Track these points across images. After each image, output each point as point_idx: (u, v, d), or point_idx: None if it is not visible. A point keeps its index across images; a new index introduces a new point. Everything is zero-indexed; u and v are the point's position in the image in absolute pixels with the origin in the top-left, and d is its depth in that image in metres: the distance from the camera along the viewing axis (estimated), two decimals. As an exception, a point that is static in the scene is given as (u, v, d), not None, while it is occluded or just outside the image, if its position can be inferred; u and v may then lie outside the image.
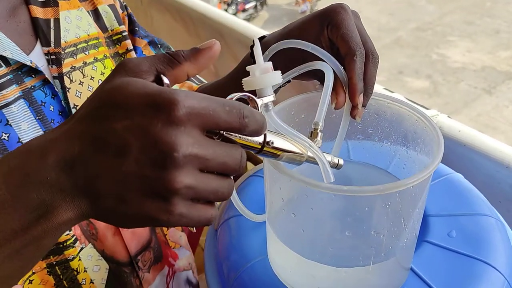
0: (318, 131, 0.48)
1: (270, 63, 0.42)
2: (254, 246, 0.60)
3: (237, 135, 0.37)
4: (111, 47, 0.76)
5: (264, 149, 0.40)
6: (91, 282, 0.67)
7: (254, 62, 0.67)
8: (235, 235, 0.63)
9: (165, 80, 0.38)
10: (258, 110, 0.41)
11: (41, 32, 0.66)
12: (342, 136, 0.55)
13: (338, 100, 0.53)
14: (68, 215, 0.35)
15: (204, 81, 0.91)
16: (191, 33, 1.31)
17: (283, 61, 0.59)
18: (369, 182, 0.54)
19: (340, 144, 0.55)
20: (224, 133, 0.36)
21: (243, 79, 0.42)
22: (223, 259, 0.62)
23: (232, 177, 0.37)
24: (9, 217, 0.35)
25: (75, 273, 0.65)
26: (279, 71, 0.42)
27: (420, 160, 0.53)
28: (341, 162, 0.48)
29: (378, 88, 0.88)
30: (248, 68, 0.43)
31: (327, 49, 0.56)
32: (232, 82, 0.72)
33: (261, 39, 0.65)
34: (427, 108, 0.83)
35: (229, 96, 0.39)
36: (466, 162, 0.78)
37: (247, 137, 0.38)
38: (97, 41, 0.74)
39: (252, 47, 0.67)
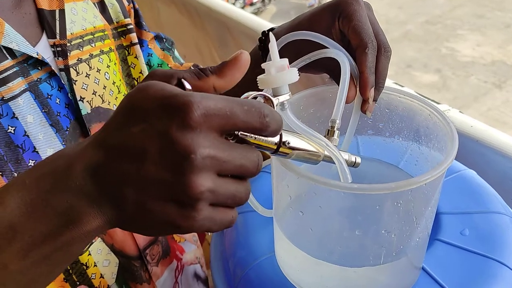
0: (335, 129, 0.47)
1: (286, 60, 0.41)
2: (261, 243, 0.59)
3: (252, 135, 0.36)
4: (116, 39, 0.75)
5: (280, 149, 0.39)
6: (101, 276, 0.67)
7: (262, 55, 0.66)
8: (242, 232, 0.61)
9: (187, 85, 0.37)
10: (274, 109, 0.40)
11: (46, 23, 0.65)
12: (352, 131, 0.53)
13: (348, 94, 0.51)
14: (95, 222, 0.35)
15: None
16: (198, 26, 1.29)
17: (292, 54, 0.58)
18: (380, 178, 0.53)
19: (349, 139, 0.53)
20: (239, 133, 0.35)
21: (258, 77, 0.41)
22: (229, 256, 0.61)
23: (248, 180, 0.37)
24: (38, 221, 0.36)
25: (85, 267, 0.65)
26: (296, 69, 0.41)
27: (433, 156, 0.52)
28: (359, 160, 0.47)
29: (388, 82, 0.86)
30: (263, 65, 0.41)
31: (338, 42, 0.54)
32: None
33: (269, 31, 0.64)
34: (438, 103, 0.81)
35: (244, 95, 0.38)
36: (478, 158, 0.76)
37: (263, 138, 0.37)
38: (103, 33, 0.73)
39: (260, 39, 0.65)
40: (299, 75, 0.55)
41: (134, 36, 0.77)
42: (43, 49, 0.63)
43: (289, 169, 0.43)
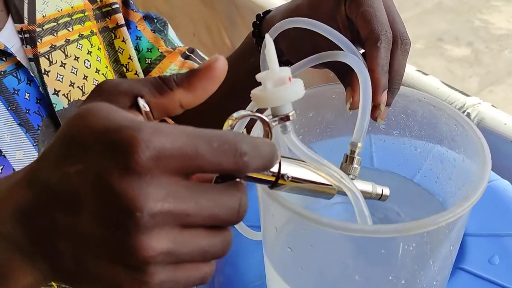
0: (356, 155, 0.38)
1: (288, 69, 0.31)
2: (253, 266, 0.51)
3: None
4: (100, 21, 0.68)
5: (279, 181, 0.31)
6: None
7: (256, 43, 0.57)
8: (232, 250, 0.53)
9: (142, 105, 0.29)
10: (271, 134, 0.31)
11: (12, 6, 0.57)
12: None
13: (354, 98, 0.42)
14: (28, 279, 0.29)
15: (209, 59, 0.80)
16: (207, 4, 1.21)
17: (289, 43, 0.51)
18: (393, 197, 0.43)
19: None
20: None
21: (252, 92, 0.32)
22: (216, 276, 0.53)
23: (230, 228, 0.29)
24: None
25: None
26: (300, 80, 0.31)
27: (459, 172, 0.43)
28: (386, 192, 0.39)
29: (410, 69, 0.75)
30: (258, 77, 0.32)
31: (344, 31, 0.45)
32: (229, 71, 0.62)
33: (265, 13, 0.55)
34: (467, 95, 0.70)
35: (233, 116, 0.30)
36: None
37: None
38: (83, 14, 0.65)
39: (254, 24, 0.56)
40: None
41: (120, 17, 0.69)
42: (8, 37, 0.56)
43: (272, 198, 0.34)
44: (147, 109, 0.29)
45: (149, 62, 0.71)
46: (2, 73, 0.53)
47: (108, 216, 0.25)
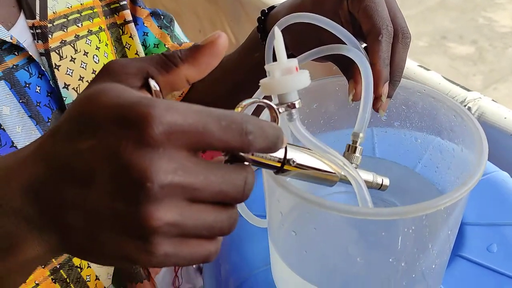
0: (358, 144, 0.40)
1: (295, 60, 0.33)
2: (259, 253, 0.52)
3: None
4: (108, 17, 0.69)
5: (285, 167, 0.32)
6: (97, 278, 0.63)
7: (261, 38, 0.59)
8: (238, 237, 0.55)
9: (153, 85, 0.30)
10: (278, 120, 0.32)
11: (24, 2, 0.59)
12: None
13: (356, 90, 0.44)
14: (35, 250, 0.30)
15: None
16: (211, 0, 1.22)
17: (293, 37, 0.51)
18: (391, 186, 0.45)
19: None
20: None
21: (260, 81, 0.33)
22: (222, 263, 0.55)
23: (235, 206, 0.29)
24: None
25: (79, 270, 0.60)
26: (306, 71, 0.33)
27: (457, 162, 0.44)
28: (386, 182, 0.40)
29: (412, 65, 0.77)
30: (266, 67, 0.34)
31: (347, 26, 0.46)
32: (234, 66, 0.64)
33: (270, 9, 0.57)
34: (468, 90, 0.72)
35: (241, 103, 0.32)
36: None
37: (262, 154, 0.31)
38: (92, 11, 0.66)
39: (259, 19, 0.58)
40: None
41: (128, 14, 0.70)
42: (20, 32, 0.57)
43: (276, 182, 0.35)
44: (158, 88, 0.30)
45: None
46: (14, 67, 0.54)
47: (120, 187, 0.26)
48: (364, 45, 0.46)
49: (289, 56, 0.54)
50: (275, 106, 0.32)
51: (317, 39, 0.47)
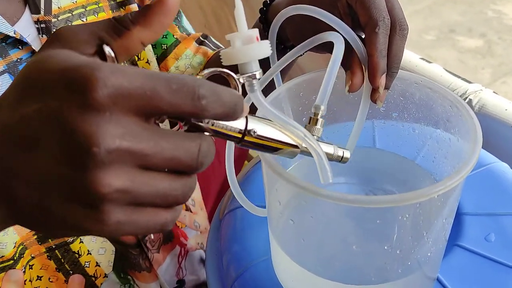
0: (319, 117, 0.40)
1: (256, 30, 0.33)
2: (259, 243, 0.53)
3: (207, 120, 0.29)
4: (114, 11, 0.70)
5: (246, 138, 0.32)
6: (97, 265, 0.64)
7: (264, 29, 0.59)
8: (239, 228, 0.56)
9: (108, 51, 0.29)
10: (238, 89, 0.32)
11: None
12: (360, 124, 0.46)
13: (353, 81, 0.44)
14: None
15: (222, 46, 0.82)
16: (215, -8, 1.23)
17: (293, 29, 0.53)
18: (392, 176, 0.45)
19: (358, 132, 0.46)
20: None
21: (221, 51, 0.33)
22: (224, 254, 0.56)
23: (194, 175, 0.29)
24: None
25: (77, 255, 0.62)
26: (267, 41, 0.33)
27: (454, 151, 0.44)
28: (347, 154, 0.39)
29: (413, 57, 0.77)
30: (227, 36, 0.33)
31: (345, 18, 0.47)
32: None
33: (271, 1, 0.57)
34: (470, 82, 0.72)
35: (201, 72, 0.31)
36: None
37: (222, 123, 0.30)
38: (97, 6, 0.67)
39: (261, 10, 0.58)
40: (302, 55, 0.49)
41: (134, 7, 0.71)
42: (25, 26, 0.58)
43: (273, 169, 0.36)
44: (112, 54, 0.30)
45: (165, 48, 0.74)
46: (19, 60, 0.55)
47: (66, 153, 0.25)
48: (363, 36, 0.46)
49: (290, 47, 0.55)
50: (235, 76, 0.32)
51: (316, 31, 0.47)
